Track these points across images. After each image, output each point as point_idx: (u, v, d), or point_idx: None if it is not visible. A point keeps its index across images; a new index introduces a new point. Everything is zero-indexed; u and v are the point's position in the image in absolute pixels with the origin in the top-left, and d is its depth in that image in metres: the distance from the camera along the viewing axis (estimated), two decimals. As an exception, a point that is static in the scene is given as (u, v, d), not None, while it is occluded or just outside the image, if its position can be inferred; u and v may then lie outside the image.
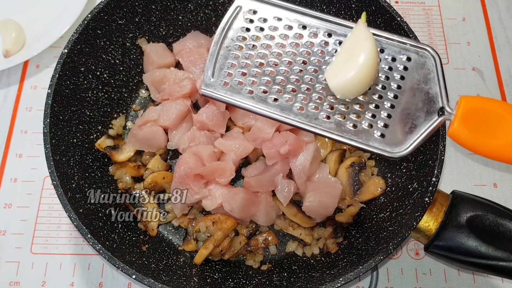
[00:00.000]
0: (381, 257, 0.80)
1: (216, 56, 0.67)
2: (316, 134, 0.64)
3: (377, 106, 0.64)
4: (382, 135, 0.62)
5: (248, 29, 0.68)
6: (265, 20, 0.68)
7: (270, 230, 1.00)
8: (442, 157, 0.85)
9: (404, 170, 0.96)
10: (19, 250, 1.03)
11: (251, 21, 0.68)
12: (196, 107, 1.07)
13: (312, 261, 0.96)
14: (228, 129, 1.04)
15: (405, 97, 0.63)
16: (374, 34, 0.65)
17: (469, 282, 1.00)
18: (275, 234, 0.99)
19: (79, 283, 1.00)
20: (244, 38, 0.67)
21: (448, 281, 1.00)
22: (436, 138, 0.86)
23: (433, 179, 0.83)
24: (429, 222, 0.83)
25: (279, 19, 0.68)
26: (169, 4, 1.10)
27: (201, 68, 1.07)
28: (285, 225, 0.99)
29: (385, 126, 0.63)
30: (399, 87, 0.64)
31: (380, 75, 0.64)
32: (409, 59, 0.65)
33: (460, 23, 1.28)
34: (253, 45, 0.67)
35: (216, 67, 0.66)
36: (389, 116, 0.63)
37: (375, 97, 0.64)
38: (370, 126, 0.63)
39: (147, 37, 1.12)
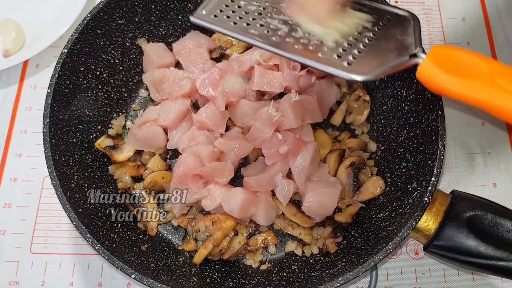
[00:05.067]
0: (381, 257, 0.80)
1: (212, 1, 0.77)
2: (285, 57, 0.70)
3: (349, 44, 0.69)
4: (349, 64, 0.66)
5: None
6: None
7: (270, 229, 1.00)
8: (442, 157, 0.85)
9: (403, 170, 0.96)
10: (18, 250, 1.03)
11: None
12: (195, 107, 1.07)
13: (311, 261, 0.96)
14: (227, 129, 1.03)
15: (379, 42, 0.69)
16: (359, 3, 0.73)
17: (469, 282, 1.00)
18: (275, 233, 0.99)
19: (79, 282, 1.00)
20: None
21: (448, 281, 1.00)
22: (436, 138, 0.86)
23: (433, 178, 0.83)
24: (428, 222, 0.83)
25: None
26: (169, 4, 1.10)
27: (201, 68, 1.07)
28: (285, 225, 0.99)
29: (354, 57, 0.67)
30: (374, 34, 0.70)
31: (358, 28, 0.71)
32: (389, 19, 0.71)
33: (459, 23, 1.28)
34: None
35: (210, 7, 0.77)
36: (359, 51, 0.68)
37: (350, 38, 0.69)
38: (339, 56, 0.68)
39: (146, 37, 1.12)
